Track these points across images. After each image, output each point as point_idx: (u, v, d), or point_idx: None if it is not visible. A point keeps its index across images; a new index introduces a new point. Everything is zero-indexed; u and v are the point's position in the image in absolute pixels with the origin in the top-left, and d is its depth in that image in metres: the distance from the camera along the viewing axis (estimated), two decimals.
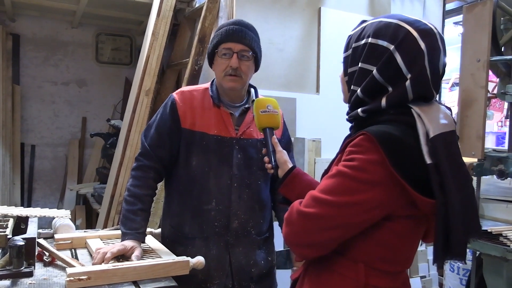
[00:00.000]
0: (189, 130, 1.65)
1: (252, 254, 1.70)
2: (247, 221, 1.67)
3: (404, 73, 1.02)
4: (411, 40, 1.01)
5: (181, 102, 1.68)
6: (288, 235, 1.06)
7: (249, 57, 1.64)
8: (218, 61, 1.64)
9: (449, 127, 1.01)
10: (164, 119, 1.68)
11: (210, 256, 1.62)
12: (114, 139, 3.90)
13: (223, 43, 1.61)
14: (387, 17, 1.08)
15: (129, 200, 1.61)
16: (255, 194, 1.70)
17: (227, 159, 1.65)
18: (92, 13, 4.03)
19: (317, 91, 2.96)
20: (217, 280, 1.64)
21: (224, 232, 1.66)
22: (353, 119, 1.12)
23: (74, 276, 1.22)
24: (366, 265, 1.05)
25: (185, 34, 3.41)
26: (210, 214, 1.65)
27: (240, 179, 1.66)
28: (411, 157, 0.97)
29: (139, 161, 1.68)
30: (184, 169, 1.67)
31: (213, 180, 1.64)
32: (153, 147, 1.67)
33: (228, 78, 1.62)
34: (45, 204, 4.44)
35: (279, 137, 1.75)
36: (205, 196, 1.65)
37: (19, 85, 4.26)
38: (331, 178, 1.02)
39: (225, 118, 1.67)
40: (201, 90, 1.73)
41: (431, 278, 3.37)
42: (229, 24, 1.65)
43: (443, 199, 0.96)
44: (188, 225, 1.67)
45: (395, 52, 1.02)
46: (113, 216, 3.01)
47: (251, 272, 1.70)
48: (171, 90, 3.50)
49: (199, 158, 1.65)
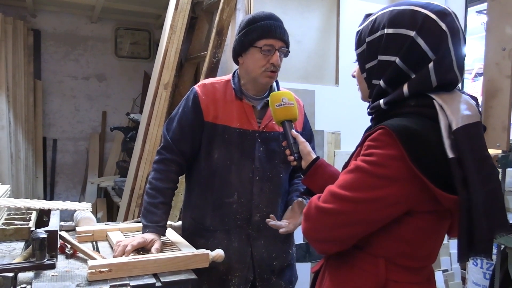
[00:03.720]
0: (211, 123, 1.65)
1: (274, 247, 1.69)
2: (269, 213, 1.66)
3: (430, 56, 0.99)
4: (431, 22, 0.98)
5: (203, 95, 1.67)
6: (306, 230, 1.05)
7: (285, 54, 1.64)
8: (255, 55, 1.61)
9: (473, 118, 0.97)
10: (186, 112, 1.68)
11: (231, 249, 1.63)
12: (134, 133, 3.94)
13: (264, 38, 1.58)
14: (397, 5, 1.05)
15: (150, 193, 1.62)
16: (277, 187, 1.70)
17: (249, 152, 1.65)
18: (111, 7, 4.07)
19: (336, 83, 2.92)
20: (238, 273, 1.64)
21: (246, 225, 1.66)
22: (374, 111, 1.09)
23: (96, 268, 1.23)
24: (387, 260, 1.03)
25: (203, 27, 3.41)
26: (231, 207, 1.65)
27: (262, 172, 1.66)
28: (432, 151, 0.94)
29: (161, 155, 1.68)
30: (206, 162, 1.67)
31: (235, 173, 1.64)
32: (175, 141, 1.67)
33: (267, 74, 1.61)
34: (67, 197, 4.53)
35: (300, 129, 1.74)
36: (226, 189, 1.65)
37: (40, 80, 4.34)
38: (349, 173, 1.00)
39: (247, 111, 1.66)
40: (223, 82, 1.72)
41: (453, 272, 3.31)
42: (266, 18, 1.61)
43: (466, 195, 0.93)
44: (210, 217, 1.67)
45: (417, 38, 0.99)
46: (133, 209, 3.04)
47: (273, 265, 1.70)
48: (190, 84, 3.51)
49: (221, 151, 1.64)
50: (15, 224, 1.62)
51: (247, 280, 1.65)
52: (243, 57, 1.65)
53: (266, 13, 1.64)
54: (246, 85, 1.69)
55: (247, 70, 1.65)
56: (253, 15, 1.65)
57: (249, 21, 1.63)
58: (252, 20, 1.63)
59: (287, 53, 1.65)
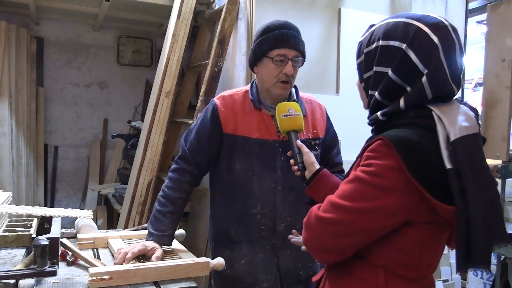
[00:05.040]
0: (231, 135, 1.65)
1: (299, 256, 1.65)
2: (293, 223, 1.65)
3: (421, 69, 0.99)
4: (423, 35, 0.99)
5: (222, 107, 1.67)
6: (307, 239, 1.06)
7: (300, 63, 1.62)
8: (269, 66, 1.59)
9: (471, 130, 0.97)
10: (205, 124, 1.68)
11: (257, 260, 1.63)
12: (135, 140, 3.94)
13: (277, 48, 1.56)
14: (394, 17, 1.07)
15: (161, 201, 1.63)
16: (300, 196, 1.66)
17: (270, 162, 1.64)
18: (113, 16, 4.09)
19: (336, 92, 2.93)
20: (265, 284, 1.64)
21: (271, 236, 1.65)
22: (373, 122, 1.11)
23: (97, 276, 1.23)
24: (386, 270, 1.03)
25: (205, 36, 3.43)
26: (255, 218, 1.64)
27: (284, 182, 1.64)
28: (430, 162, 0.94)
29: (178, 164, 1.69)
30: (228, 174, 1.67)
31: (257, 184, 1.63)
32: (192, 152, 1.67)
33: (280, 85, 1.60)
34: (68, 204, 4.52)
35: (323, 135, 1.73)
36: (250, 200, 1.64)
37: (42, 87, 4.35)
38: (349, 183, 1.01)
39: (266, 121, 1.66)
40: (241, 93, 1.71)
41: (453, 282, 3.30)
42: (280, 27, 1.59)
43: (464, 206, 0.93)
44: (234, 229, 1.67)
45: (408, 50, 1.00)
46: (134, 216, 3.04)
47: (299, 275, 1.69)
48: (191, 92, 3.53)
49: (242, 162, 1.64)
50: (16, 231, 1.62)
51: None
52: (258, 66, 1.65)
53: (281, 22, 1.61)
54: (263, 94, 1.68)
55: (262, 80, 1.65)
56: (268, 24, 1.62)
57: (263, 31, 1.62)
58: (266, 30, 1.61)
59: (303, 62, 1.64)
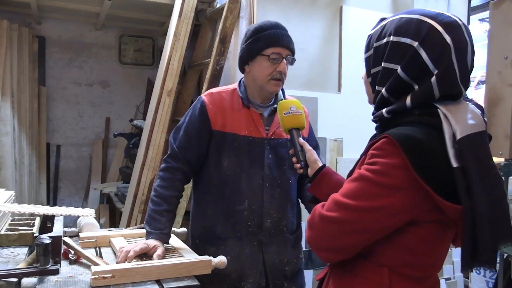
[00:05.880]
0: (220, 132, 1.66)
1: (285, 252, 1.71)
2: (280, 220, 1.68)
3: (431, 69, 0.97)
4: (436, 34, 0.97)
5: (210, 104, 1.68)
6: (310, 238, 1.05)
7: (291, 62, 1.66)
8: (263, 64, 1.63)
9: (478, 128, 0.96)
10: (193, 121, 1.69)
11: (243, 255, 1.64)
12: (137, 139, 3.94)
13: (272, 47, 1.61)
14: (408, 12, 1.04)
15: (155, 201, 1.63)
16: (287, 193, 1.71)
17: (258, 160, 1.66)
18: (115, 15, 4.09)
19: (338, 90, 2.93)
20: (251, 279, 1.65)
21: (257, 232, 1.67)
22: (378, 119, 1.09)
23: (99, 274, 1.23)
24: (390, 269, 1.03)
25: (206, 35, 3.43)
26: (242, 214, 1.66)
27: (271, 179, 1.67)
28: (435, 160, 0.93)
29: (167, 163, 1.69)
30: (216, 171, 1.68)
31: (245, 180, 1.65)
32: (182, 149, 1.68)
33: (273, 83, 1.63)
34: (70, 203, 4.54)
35: (306, 136, 1.75)
36: (237, 197, 1.66)
37: (45, 87, 4.36)
38: (353, 182, 1.00)
39: (255, 119, 1.68)
40: (230, 91, 1.73)
41: (456, 280, 3.30)
42: (273, 27, 1.64)
43: (470, 205, 0.92)
44: (221, 225, 1.68)
45: (420, 49, 0.98)
46: (136, 215, 3.04)
47: (285, 270, 1.71)
48: (193, 91, 3.53)
49: (231, 159, 1.66)
50: (19, 230, 1.63)
51: (259, 286, 1.66)
52: (250, 65, 1.67)
53: (273, 22, 1.66)
54: (253, 93, 1.70)
55: (254, 78, 1.67)
56: (260, 24, 1.67)
57: (256, 30, 1.65)
58: (259, 29, 1.65)
59: (293, 61, 1.67)
